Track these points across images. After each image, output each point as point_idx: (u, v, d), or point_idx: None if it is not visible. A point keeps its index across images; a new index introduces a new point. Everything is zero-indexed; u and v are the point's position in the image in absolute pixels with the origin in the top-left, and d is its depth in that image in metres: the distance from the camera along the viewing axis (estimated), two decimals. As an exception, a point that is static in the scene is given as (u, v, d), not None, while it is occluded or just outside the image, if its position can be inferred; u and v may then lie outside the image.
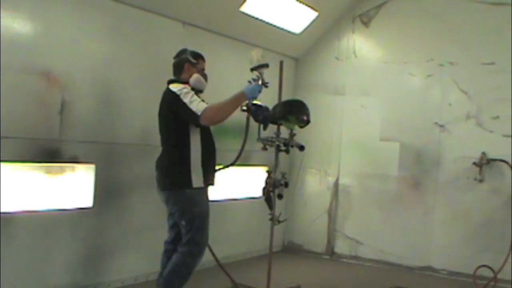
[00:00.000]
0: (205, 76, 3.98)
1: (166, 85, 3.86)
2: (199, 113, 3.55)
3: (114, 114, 4.55)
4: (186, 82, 3.81)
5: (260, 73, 3.84)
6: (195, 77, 3.85)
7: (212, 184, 3.95)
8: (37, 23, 3.96)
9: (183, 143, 3.72)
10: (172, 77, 3.95)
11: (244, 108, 3.96)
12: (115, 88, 4.55)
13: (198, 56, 3.96)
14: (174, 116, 3.70)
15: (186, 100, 3.61)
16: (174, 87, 3.73)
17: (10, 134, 3.76)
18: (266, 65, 3.87)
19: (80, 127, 4.26)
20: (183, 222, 3.74)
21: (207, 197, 3.90)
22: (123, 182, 4.64)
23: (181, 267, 3.73)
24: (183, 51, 3.94)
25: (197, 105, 3.59)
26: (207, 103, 3.65)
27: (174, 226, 3.94)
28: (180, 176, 3.72)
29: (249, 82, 3.83)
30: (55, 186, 4.15)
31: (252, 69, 3.87)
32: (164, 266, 3.91)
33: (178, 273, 3.74)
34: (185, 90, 3.68)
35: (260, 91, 3.82)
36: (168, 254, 3.93)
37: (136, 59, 4.70)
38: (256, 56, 3.87)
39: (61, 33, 4.10)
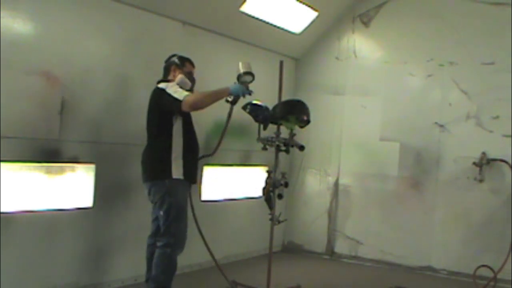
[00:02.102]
0: (193, 80, 4.14)
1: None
2: (181, 98, 3.78)
3: (114, 114, 4.55)
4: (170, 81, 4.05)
5: (245, 82, 3.99)
6: (180, 77, 4.04)
7: (194, 182, 4.10)
8: (37, 23, 3.96)
9: (165, 136, 3.91)
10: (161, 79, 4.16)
11: (229, 99, 4.05)
12: (115, 88, 4.55)
13: (185, 60, 4.16)
14: (159, 109, 3.92)
15: (170, 90, 3.86)
16: (162, 85, 3.98)
17: (10, 134, 3.76)
18: (251, 74, 4.00)
19: (80, 127, 4.26)
20: (161, 213, 3.90)
21: (187, 191, 4.07)
22: (123, 182, 4.64)
23: (163, 258, 3.87)
24: (172, 56, 4.18)
25: (180, 93, 3.82)
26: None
27: (155, 220, 4.08)
28: (161, 166, 3.89)
29: (235, 83, 4.01)
30: (55, 186, 4.15)
31: (238, 78, 4.01)
32: (149, 261, 4.06)
33: (162, 266, 3.87)
34: (171, 84, 3.93)
35: (244, 95, 4.00)
36: (150, 248, 4.09)
37: (136, 59, 4.70)
38: (243, 67, 4.01)
39: (61, 33, 4.10)
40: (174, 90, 3.85)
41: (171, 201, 3.87)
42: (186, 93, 3.83)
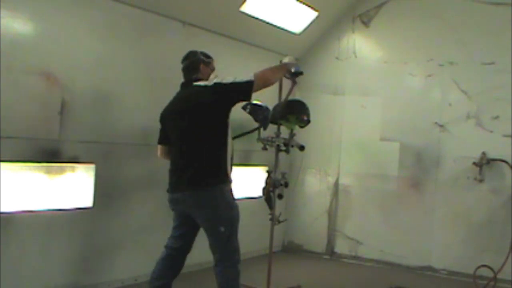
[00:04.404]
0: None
1: (180, 87, 3.73)
2: (253, 78, 3.44)
3: (114, 114, 4.55)
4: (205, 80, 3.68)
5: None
6: (215, 75, 3.76)
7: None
8: (37, 23, 3.96)
9: (222, 138, 3.52)
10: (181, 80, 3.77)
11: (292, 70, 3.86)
12: (115, 88, 4.55)
13: (209, 57, 3.83)
14: (213, 108, 3.48)
15: (229, 80, 3.49)
16: (203, 82, 3.58)
17: (10, 134, 3.76)
18: (301, 73, 3.88)
19: (80, 127, 4.26)
20: (221, 229, 3.42)
21: None
22: (123, 182, 4.64)
23: (236, 279, 3.51)
24: (194, 53, 3.79)
25: (243, 77, 3.49)
26: None
27: (186, 234, 3.65)
28: (219, 172, 3.48)
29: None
30: (55, 186, 4.15)
31: (290, 76, 3.85)
32: (163, 271, 3.64)
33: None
34: (220, 77, 3.59)
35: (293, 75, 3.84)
36: (171, 260, 3.65)
37: (136, 59, 4.70)
38: (290, 60, 3.87)
39: (61, 33, 4.10)
40: (233, 78, 3.48)
41: (234, 214, 3.49)
42: (250, 74, 3.50)
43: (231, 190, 3.56)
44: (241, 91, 3.48)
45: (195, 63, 3.72)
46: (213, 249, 3.52)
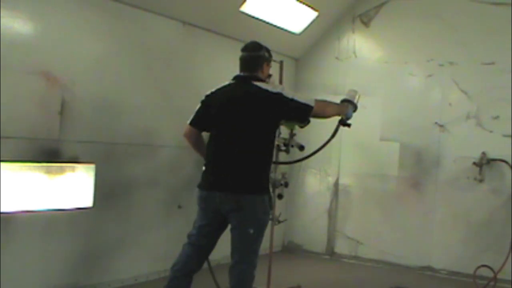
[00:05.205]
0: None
1: (235, 79, 3.52)
2: (312, 104, 3.43)
3: (114, 114, 4.55)
4: (264, 81, 3.52)
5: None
6: (273, 79, 3.68)
7: None
8: (37, 23, 3.96)
9: (272, 148, 3.47)
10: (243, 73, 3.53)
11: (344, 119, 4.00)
12: (115, 88, 4.55)
13: (271, 54, 3.63)
14: (272, 117, 3.40)
15: (290, 96, 3.40)
16: (264, 85, 3.42)
17: (10, 134, 3.76)
18: (348, 125, 4.08)
19: (80, 127, 4.26)
20: (250, 230, 3.31)
21: None
22: (123, 182, 4.64)
23: (250, 282, 3.43)
24: (258, 47, 3.55)
25: (305, 98, 3.46)
26: None
27: (213, 233, 3.49)
28: (266, 181, 3.43)
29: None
30: (55, 186, 4.15)
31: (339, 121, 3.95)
32: (186, 264, 3.46)
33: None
34: (283, 88, 3.50)
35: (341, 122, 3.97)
36: (197, 256, 3.49)
37: (136, 59, 4.70)
38: (353, 96, 3.99)
39: (61, 33, 4.10)
40: (294, 94, 3.43)
41: (266, 219, 3.42)
42: (311, 97, 3.48)
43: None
44: (299, 112, 3.45)
45: (259, 60, 3.52)
46: (235, 248, 3.40)
